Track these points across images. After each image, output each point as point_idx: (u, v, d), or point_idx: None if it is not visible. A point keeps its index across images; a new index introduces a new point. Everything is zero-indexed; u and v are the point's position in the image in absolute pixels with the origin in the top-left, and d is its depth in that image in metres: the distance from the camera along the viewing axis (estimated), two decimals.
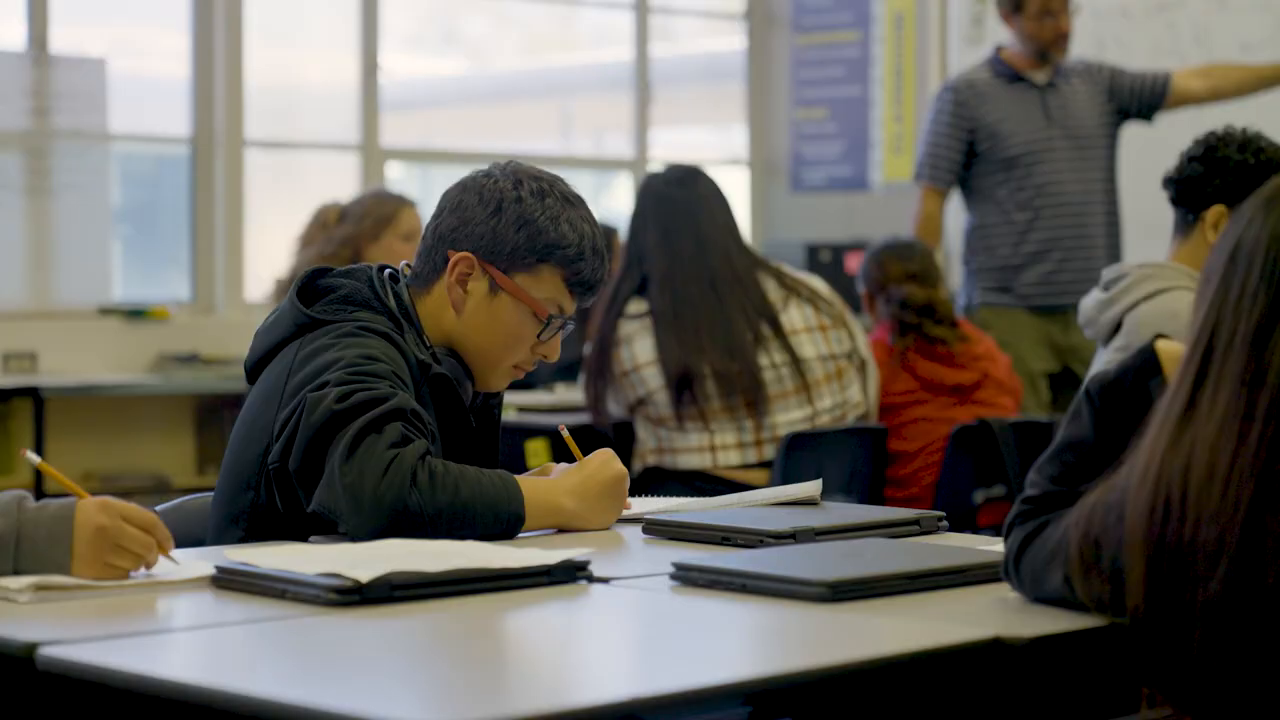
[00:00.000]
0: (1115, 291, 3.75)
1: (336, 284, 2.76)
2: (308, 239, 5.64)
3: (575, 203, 2.80)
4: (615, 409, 4.77)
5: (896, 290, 5.05)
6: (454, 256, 2.75)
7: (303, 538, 2.55)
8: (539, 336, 2.78)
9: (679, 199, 4.67)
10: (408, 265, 2.85)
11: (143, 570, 2.19)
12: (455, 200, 2.79)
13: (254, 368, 2.75)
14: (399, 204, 5.57)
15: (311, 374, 2.58)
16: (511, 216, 2.75)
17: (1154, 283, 3.71)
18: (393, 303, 2.74)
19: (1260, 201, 1.90)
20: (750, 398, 4.59)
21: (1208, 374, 1.87)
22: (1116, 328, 3.74)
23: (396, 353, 2.65)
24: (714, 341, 4.57)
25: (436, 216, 2.81)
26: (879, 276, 5.13)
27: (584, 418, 4.83)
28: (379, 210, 5.53)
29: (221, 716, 1.70)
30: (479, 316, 2.76)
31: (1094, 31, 7.26)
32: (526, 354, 2.80)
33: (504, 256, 2.75)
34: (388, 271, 2.81)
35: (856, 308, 5.57)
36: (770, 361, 4.61)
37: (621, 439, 4.66)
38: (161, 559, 2.20)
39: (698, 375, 4.56)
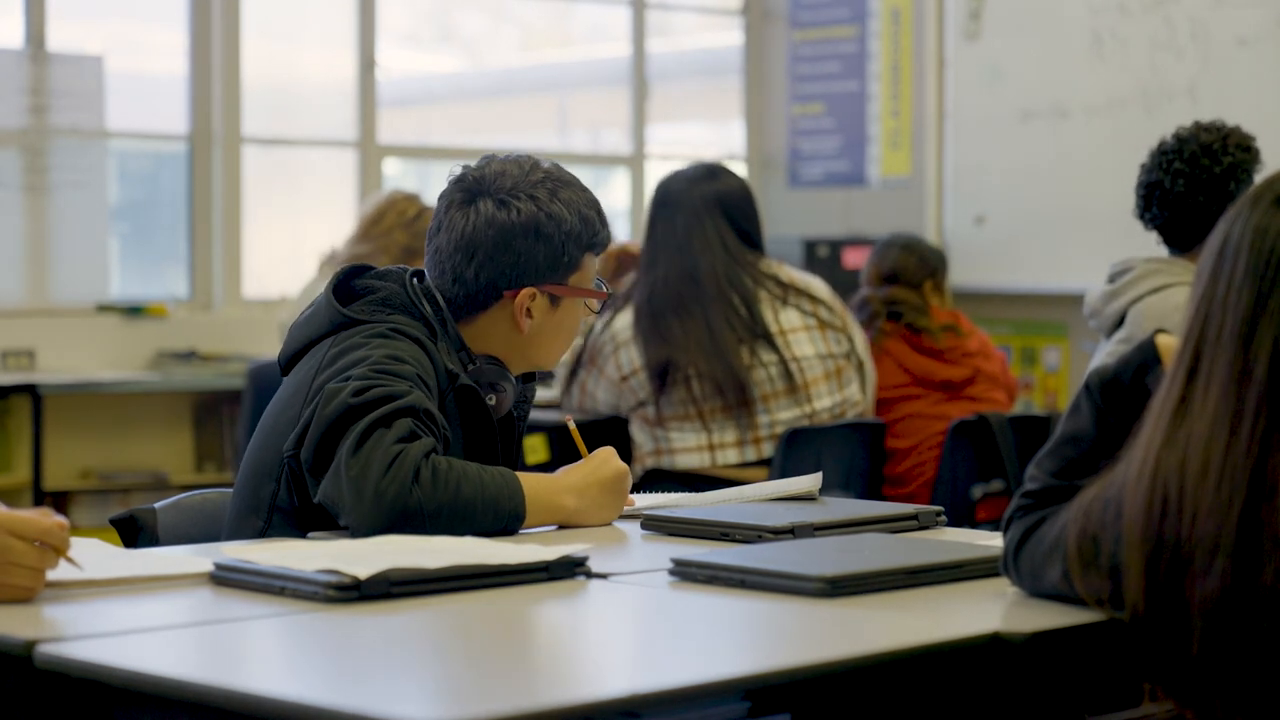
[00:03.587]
0: (1120, 284, 3.75)
1: (374, 285, 2.76)
2: (388, 225, 5.47)
3: (568, 179, 2.81)
4: (587, 399, 4.79)
5: (858, 293, 5.21)
6: (518, 296, 2.75)
7: (321, 530, 2.56)
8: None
9: (683, 196, 4.66)
10: None
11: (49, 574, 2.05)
12: (488, 240, 2.74)
13: (288, 361, 2.76)
14: None
15: (338, 371, 2.59)
16: (551, 231, 2.75)
17: (1159, 277, 3.71)
18: (428, 309, 2.74)
19: (1248, 198, 1.91)
20: (740, 398, 4.58)
21: (1199, 370, 1.87)
22: (1120, 321, 3.74)
23: (425, 358, 2.66)
24: (698, 341, 4.56)
25: (469, 261, 2.74)
26: (863, 279, 5.31)
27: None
28: None
29: (220, 714, 1.70)
30: (546, 329, 2.79)
31: (1091, 26, 7.25)
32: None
33: (560, 270, 2.77)
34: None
35: None
36: (759, 361, 4.60)
37: (609, 434, 4.65)
38: (64, 564, 2.06)
39: (679, 367, 4.56)
